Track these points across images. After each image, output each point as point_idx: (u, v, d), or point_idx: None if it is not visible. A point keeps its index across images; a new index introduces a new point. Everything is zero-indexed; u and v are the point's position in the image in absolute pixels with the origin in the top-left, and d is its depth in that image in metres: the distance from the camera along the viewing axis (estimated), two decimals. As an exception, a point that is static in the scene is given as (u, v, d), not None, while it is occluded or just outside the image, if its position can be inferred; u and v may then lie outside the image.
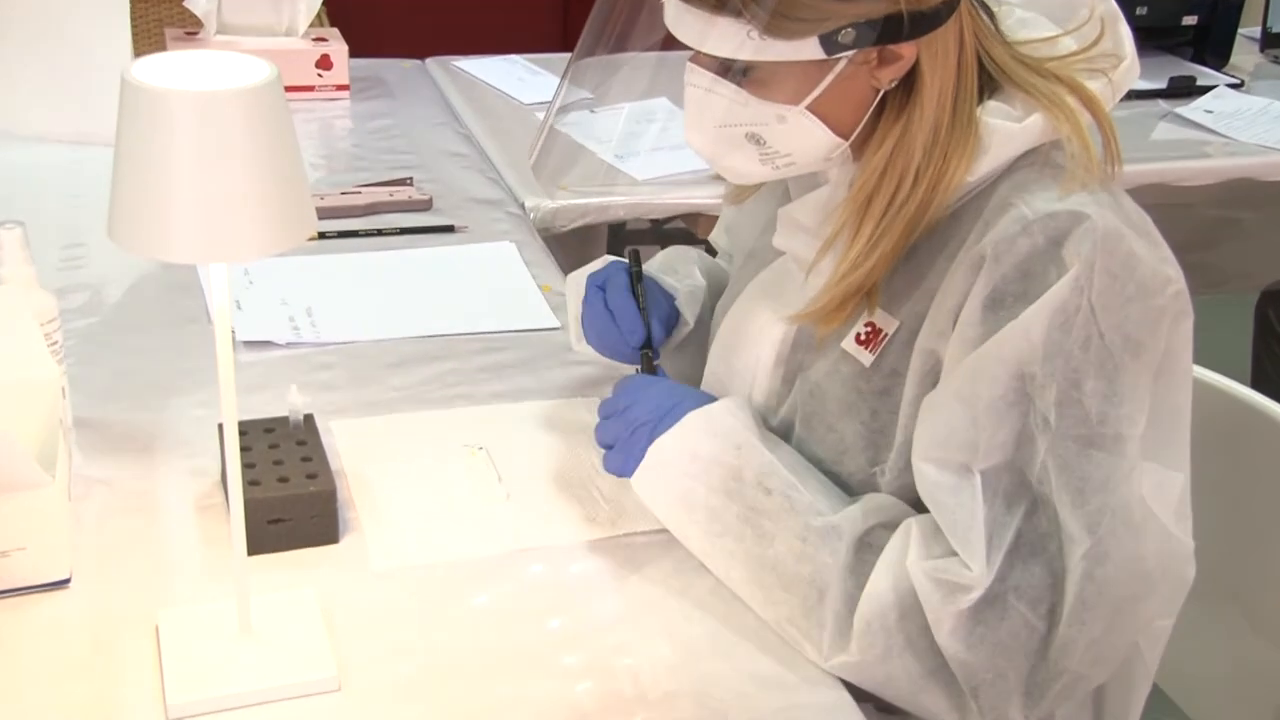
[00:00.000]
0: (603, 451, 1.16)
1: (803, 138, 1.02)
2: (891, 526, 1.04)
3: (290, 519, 1.13)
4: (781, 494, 1.06)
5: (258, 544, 1.11)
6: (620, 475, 1.13)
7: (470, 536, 1.17)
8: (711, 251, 1.46)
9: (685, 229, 2.17)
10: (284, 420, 1.23)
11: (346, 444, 1.29)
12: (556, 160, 1.92)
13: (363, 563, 1.14)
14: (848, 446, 1.09)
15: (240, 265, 1.62)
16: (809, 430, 1.12)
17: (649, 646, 1.06)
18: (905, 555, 1.00)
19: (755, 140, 1.03)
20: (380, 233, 1.77)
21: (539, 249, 1.74)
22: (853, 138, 1.03)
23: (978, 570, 0.97)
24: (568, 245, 1.86)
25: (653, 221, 2.10)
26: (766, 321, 1.16)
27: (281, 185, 0.85)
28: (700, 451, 1.09)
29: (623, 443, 1.13)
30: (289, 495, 1.13)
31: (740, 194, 1.24)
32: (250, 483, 1.13)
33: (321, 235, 1.74)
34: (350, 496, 1.21)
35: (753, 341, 1.17)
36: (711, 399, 1.14)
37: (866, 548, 1.03)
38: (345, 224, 1.77)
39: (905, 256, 1.04)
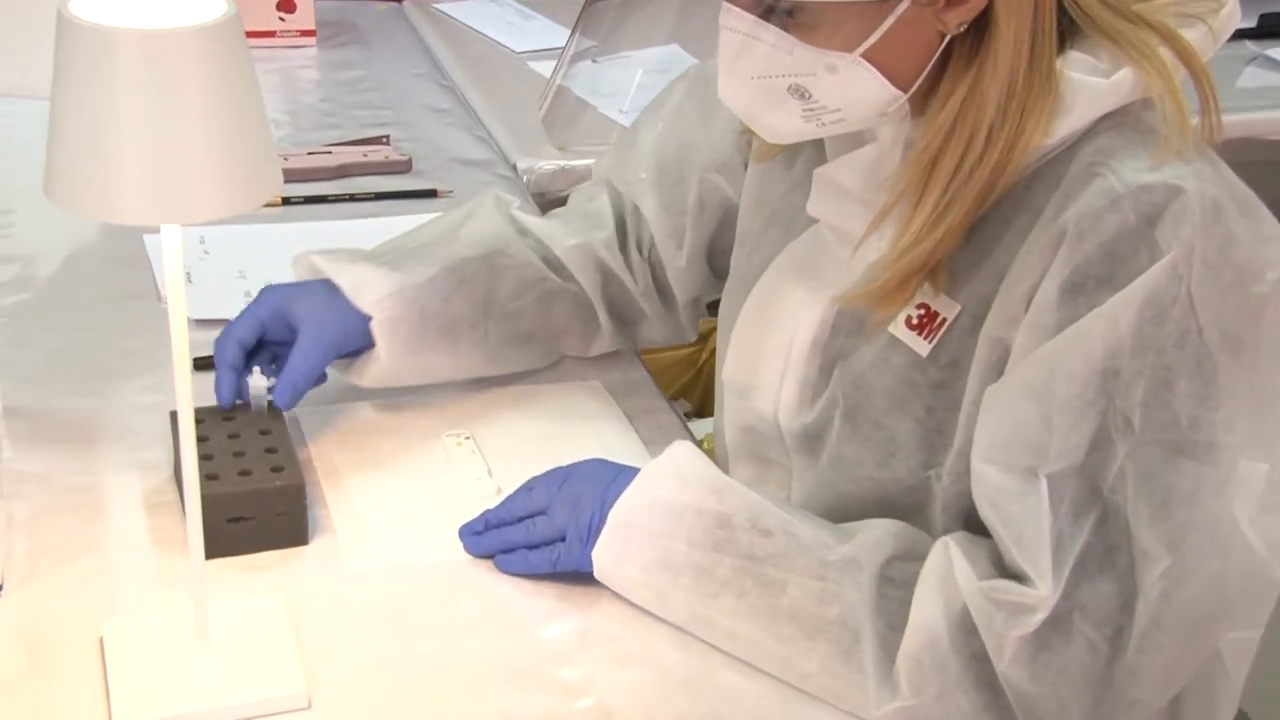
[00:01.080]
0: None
1: (855, 90, 1.02)
2: (909, 556, 1.05)
3: (253, 517, 1.14)
4: (783, 532, 1.06)
5: (217, 545, 1.12)
6: (575, 567, 1.11)
7: (456, 536, 1.18)
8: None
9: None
10: (244, 407, 1.24)
11: (315, 433, 1.30)
12: (568, 114, 1.93)
13: (335, 566, 1.15)
14: (899, 446, 1.09)
15: (195, 232, 1.64)
16: (853, 427, 1.12)
17: (658, 659, 1.08)
18: (951, 577, 1.01)
19: (799, 94, 1.03)
20: (353, 198, 1.78)
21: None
22: (912, 90, 1.03)
23: (1044, 588, 0.97)
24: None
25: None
26: (801, 300, 1.15)
27: (242, 136, 0.86)
28: (673, 504, 1.09)
29: (567, 527, 1.11)
30: (252, 490, 1.14)
31: (769, 150, 1.23)
32: (208, 476, 1.14)
33: (286, 201, 1.76)
34: (320, 493, 1.22)
35: (785, 323, 1.16)
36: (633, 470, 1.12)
37: (888, 582, 1.03)
38: (312, 188, 1.78)
39: (968, 231, 1.04)
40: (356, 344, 1.28)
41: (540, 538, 1.13)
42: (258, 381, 1.24)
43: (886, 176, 1.06)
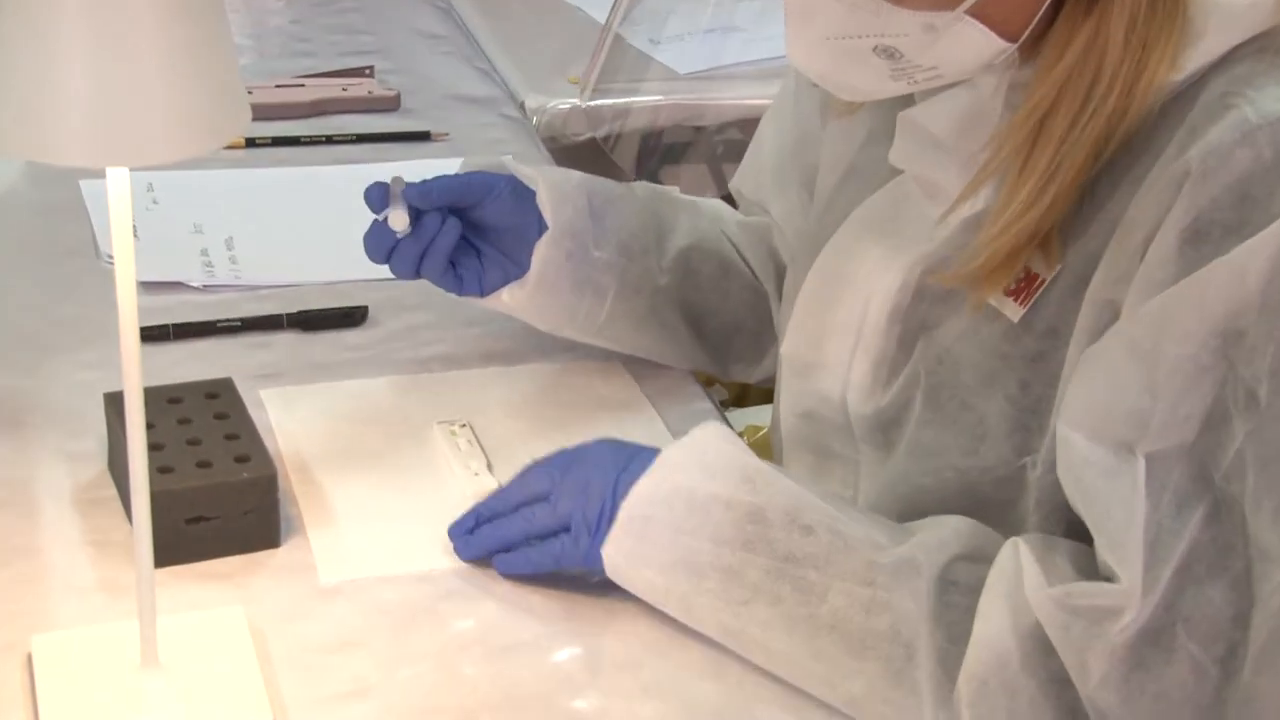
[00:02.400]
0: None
1: (956, 48, 1.03)
2: (979, 557, 1.05)
3: (215, 516, 1.15)
4: (827, 530, 1.07)
5: (170, 550, 1.12)
6: (582, 565, 1.12)
7: (449, 541, 1.19)
8: (732, 203, 1.48)
9: (741, 139, 2.16)
10: (195, 388, 1.25)
11: (283, 419, 1.32)
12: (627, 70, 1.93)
13: (308, 574, 1.16)
14: (988, 430, 1.10)
15: (142, 178, 1.65)
16: (935, 410, 1.13)
17: (685, 689, 1.08)
18: (1020, 585, 1.01)
19: (887, 54, 1.04)
20: (329, 140, 1.80)
21: (544, 165, 1.75)
22: (1022, 40, 1.03)
23: (1128, 582, 0.97)
24: (582, 160, 1.85)
25: (697, 129, 2.09)
26: (879, 263, 1.16)
27: (202, 64, 0.86)
28: (697, 494, 1.09)
29: (572, 516, 1.12)
30: (214, 485, 1.15)
31: (850, 106, 1.24)
32: (160, 469, 1.15)
33: (250, 142, 1.77)
34: (290, 489, 1.24)
35: (858, 289, 1.17)
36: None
37: (950, 587, 1.04)
38: (281, 128, 1.80)
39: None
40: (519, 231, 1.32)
41: (541, 529, 1.14)
42: (396, 218, 1.26)
43: (985, 128, 1.07)
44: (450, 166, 1.73)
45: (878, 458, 1.19)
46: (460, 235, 1.29)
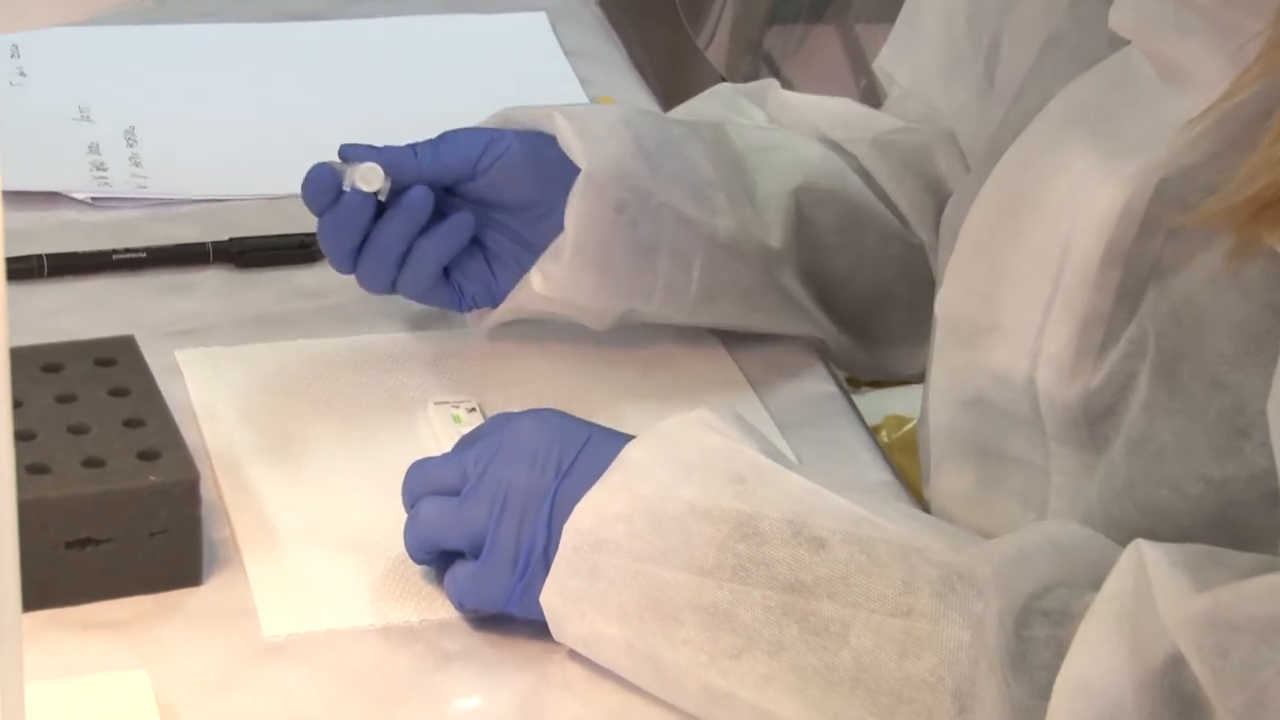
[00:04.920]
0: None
1: None
2: (1075, 584, 1.06)
3: (109, 539, 1.16)
4: (845, 540, 1.09)
5: (45, 587, 1.13)
6: (498, 608, 1.16)
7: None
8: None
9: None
10: (80, 349, 1.25)
11: (209, 397, 1.32)
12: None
13: (243, 624, 1.16)
14: (1253, 421, 1.09)
15: (4, 42, 1.66)
16: (1173, 392, 1.12)
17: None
18: (1150, 600, 1.01)
19: None
20: (278, -13, 1.82)
21: (594, 23, 1.77)
22: None
23: None
24: (648, 19, 1.89)
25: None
26: (1089, 177, 1.16)
27: None
28: (666, 506, 1.11)
29: (487, 540, 1.15)
30: (108, 493, 1.15)
31: None
32: (31, 469, 1.15)
33: (160, -13, 1.78)
34: (220, 499, 1.24)
35: (1058, 216, 1.17)
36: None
37: (1037, 618, 1.04)
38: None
39: None
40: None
41: (453, 536, 1.17)
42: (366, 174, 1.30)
43: None
44: (454, 28, 1.75)
45: (1081, 465, 1.19)
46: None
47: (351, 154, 1.32)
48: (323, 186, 1.31)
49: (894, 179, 1.45)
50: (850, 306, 1.45)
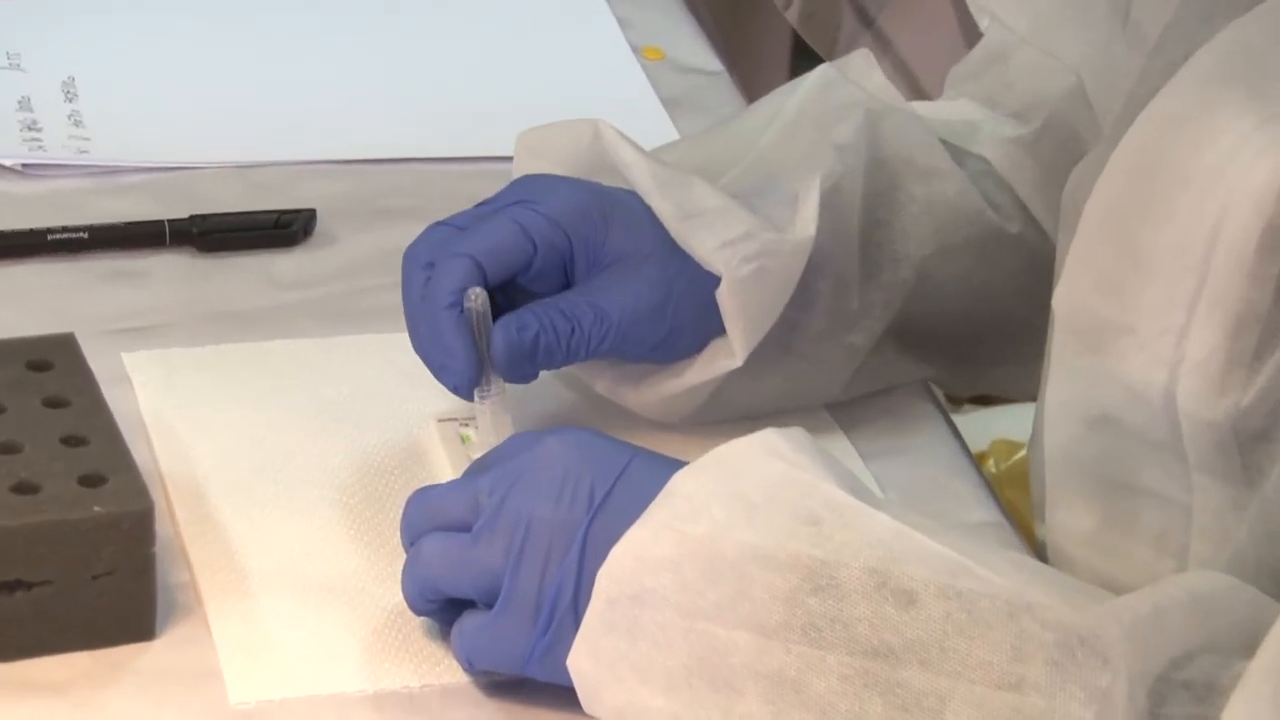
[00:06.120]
0: None
1: None
2: (1223, 649, 1.06)
3: (46, 582, 1.15)
4: (941, 594, 1.09)
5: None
6: (524, 672, 1.16)
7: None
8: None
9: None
10: (11, 349, 1.25)
11: (164, 408, 1.32)
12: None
13: (205, 688, 1.16)
14: None
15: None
16: None
17: None
18: None
19: None
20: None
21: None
22: None
23: None
24: None
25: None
26: (1245, 140, 1.16)
27: None
28: (724, 551, 1.11)
29: (504, 589, 1.15)
30: (44, 525, 1.15)
31: None
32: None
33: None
34: (178, 536, 1.24)
35: (1204, 191, 1.17)
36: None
37: (1176, 692, 1.04)
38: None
39: None
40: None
41: (462, 581, 1.17)
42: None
43: None
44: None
45: (1229, 501, 1.19)
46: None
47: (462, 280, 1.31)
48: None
49: (1037, 189, 1.47)
50: (958, 338, 1.47)
